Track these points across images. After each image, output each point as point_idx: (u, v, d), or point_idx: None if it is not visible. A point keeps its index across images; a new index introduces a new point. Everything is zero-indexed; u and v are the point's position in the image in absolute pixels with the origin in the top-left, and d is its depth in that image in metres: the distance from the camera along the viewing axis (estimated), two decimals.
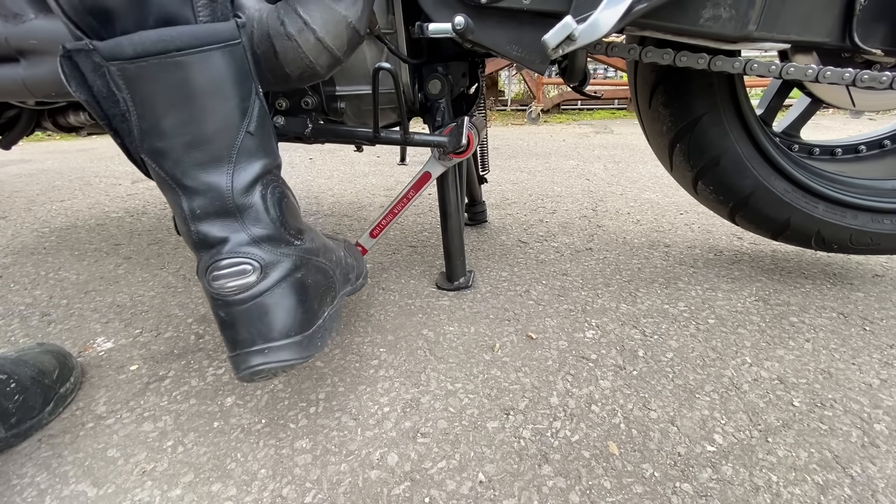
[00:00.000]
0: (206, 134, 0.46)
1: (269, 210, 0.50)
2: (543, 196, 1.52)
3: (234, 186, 0.48)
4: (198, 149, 0.46)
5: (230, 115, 0.47)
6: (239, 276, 0.48)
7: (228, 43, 0.45)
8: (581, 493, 0.47)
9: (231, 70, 0.46)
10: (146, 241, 1.21)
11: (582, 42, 0.59)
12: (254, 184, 0.49)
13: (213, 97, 0.45)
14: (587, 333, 0.73)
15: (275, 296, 0.50)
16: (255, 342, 0.49)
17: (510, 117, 4.27)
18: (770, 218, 0.84)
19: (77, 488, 0.49)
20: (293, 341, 0.50)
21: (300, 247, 0.54)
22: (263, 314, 0.49)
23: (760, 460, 0.50)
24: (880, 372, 0.64)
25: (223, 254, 0.48)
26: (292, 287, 0.51)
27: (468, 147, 0.79)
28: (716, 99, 0.78)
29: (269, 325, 0.49)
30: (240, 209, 0.48)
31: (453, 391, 0.61)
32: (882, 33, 0.68)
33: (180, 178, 0.47)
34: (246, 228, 0.49)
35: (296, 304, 0.51)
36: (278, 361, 0.49)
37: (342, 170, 2.02)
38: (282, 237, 0.52)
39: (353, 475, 0.50)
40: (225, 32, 0.45)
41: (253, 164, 0.49)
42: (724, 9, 0.63)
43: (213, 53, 0.44)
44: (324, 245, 0.61)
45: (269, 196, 0.51)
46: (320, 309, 0.55)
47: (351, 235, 1.17)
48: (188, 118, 0.45)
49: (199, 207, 0.47)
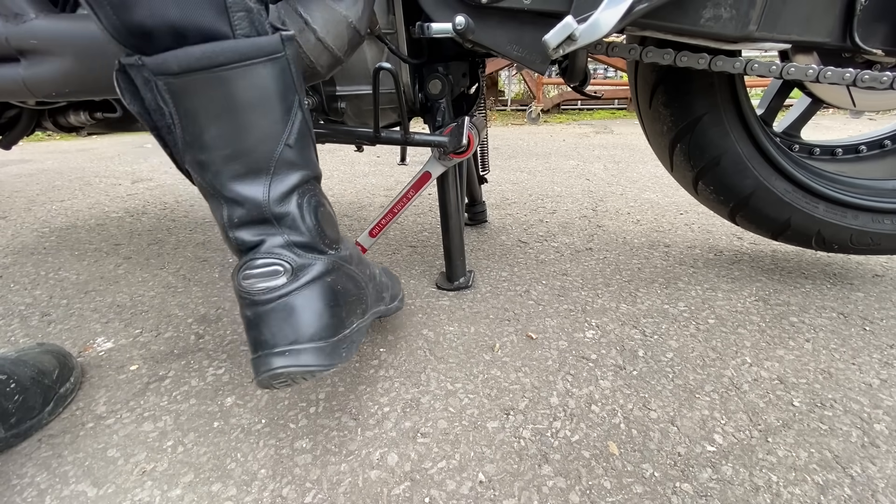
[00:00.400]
0: (245, 146, 0.46)
1: (304, 218, 0.51)
2: (543, 196, 1.52)
3: (270, 197, 0.48)
4: (237, 161, 0.47)
5: (271, 127, 0.47)
6: (269, 277, 0.48)
7: (272, 56, 0.46)
8: (581, 493, 0.47)
9: (273, 83, 0.46)
10: (146, 241, 1.21)
11: (582, 42, 0.59)
12: (290, 193, 0.49)
13: (255, 110, 0.46)
14: (587, 333, 0.73)
15: (302, 297, 0.49)
16: (279, 343, 0.48)
17: (510, 117, 4.27)
18: (770, 218, 0.84)
19: (77, 488, 0.49)
20: (318, 346, 0.49)
21: (334, 255, 0.54)
22: (289, 314, 0.48)
23: (760, 460, 0.50)
24: (880, 372, 0.64)
25: (258, 254, 0.48)
26: (322, 290, 0.51)
27: (468, 147, 0.79)
28: (716, 99, 0.78)
29: (295, 326, 0.48)
30: (277, 217, 0.49)
31: (453, 391, 0.61)
32: (883, 33, 0.68)
33: (220, 189, 0.47)
34: (282, 234, 0.49)
35: (323, 308, 0.50)
36: (300, 366, 0.47)
37: (342, 170, 2.02)
38: (317, 245, 0.52)
39: (353, 475, 0.50)
40: (268, 46, 0.45)
41: (291, 175, 0.49)
42: (725, 9, 0.63)
43: (255, 67, 0.45)
44: (359, 257, 0.61)
45: (306, 205, 0.51)
46: (348, 318, 0.54)
47: (351, 236, 1.17)
48: (229, 131, 0.46)
49: (238, 216, 0.48)
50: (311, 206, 0.52)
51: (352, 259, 0.58)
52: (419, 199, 1.49)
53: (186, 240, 1.21)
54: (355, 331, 0.55)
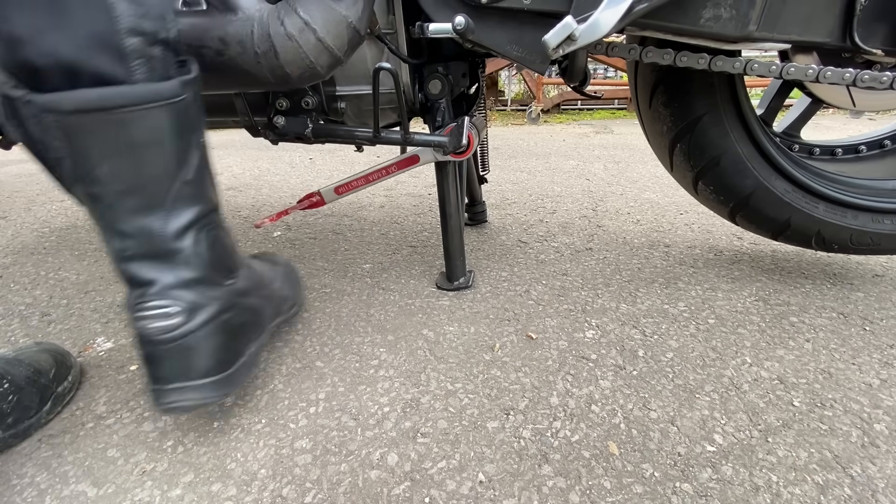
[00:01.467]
0: (140, 183, 0.47)
1: (200, 253, 0.51)
2: (543, 196, 1.52)
3: (166, 231, 0.49)
4: (131, 196, 0.47)
5: (167, 165, 0.48)
6: (163, 318, 0.49)
7: (170, 101, 0.46)
8: (581, 493, 0.47)
9: (171, 124, 0.47)
10: None
11: (582, 42, 0.59)
12: (187, 228, 0.50)
13: (150, 150, 0.47)
14: (587, 333, 0.73)
15: (198, 338, 0.51)
16: (174, 380, 0.50)
17: (510, 117, 4.27)
18: (770, 218, 0.84)
19: (77, 488, 0.49)
20: (212, 381, 0.52)
21: (231, 287, 0.55)
22: (184, 355, 0.51)
23: (760, 460, 0.50)
24: (880, 372, 0.64)
25: (149, 295, 0.49)
26: (217, 329, 0.53)
27: (468, 147, 0.79)
28: (716, 99, 0.78)
29: (189, 365, 0.51)
30: (170, 252, 0.49)
31: (453, 391, 0.61)
32: (882, 33, 0.68)
33: (112, 222, 0.48)
34: (175, 271, 0.50)
35: (219, 346, 0.53)
36: (194, 400, 0.51)
37: (342, 170, 2.02)
38: (212, 279, 0.53)
39: (353, 475, 0.50)
40: (167, 91, 0.46)
41: (188, 210, 0.50)
42: (725, 9, 0.63)
43: (152, 111, 0.45)
44: (258, 281, 0.62)
45: (202, 240, 0.52)
46: (245, 347, 0.57)
47: (351, 235, 1.17)
48: (124, 168, 0.46)
49: (130, 249, 0.48)
50: (208, 240, 0.52)
51: (251, 290, 0.59)
52: (419, 199, 1.49)
53: None
54: (252, 353, 0.58)
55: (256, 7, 0.60)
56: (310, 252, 1.08)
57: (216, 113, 0.84)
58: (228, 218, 1.36)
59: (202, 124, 0.51)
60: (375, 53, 0.78)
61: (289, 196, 1.61)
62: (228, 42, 0.59)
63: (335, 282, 0.93)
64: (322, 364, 0.67)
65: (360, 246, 1.11)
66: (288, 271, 0.76)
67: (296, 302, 0.75)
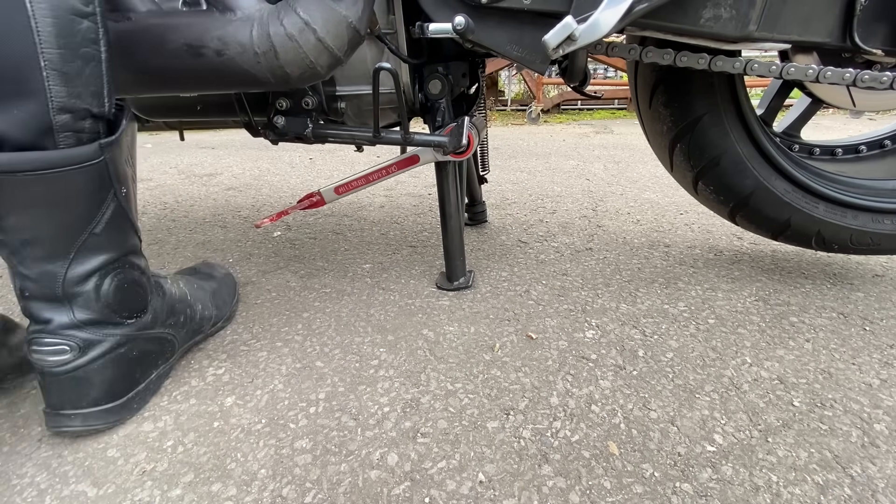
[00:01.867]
0: (45, 236, 0.48)
1: (100, 297, 0.53)
2: (543, 196, 1.52)
3: (66, 277, 0.50)
4: (34, 246, 0.49)
5: (76, 220, 0.50)
6: (55, 354, 0.51)
7: (84, 164, 0.48)
8: (581, 493, 0.47)
9: (83, 184, 0.49)
10: (146, 242, 1.21)
11: (582, 42, 0.59)
12: (90, 275, 0.52)
13: (59, 207, 0.48)
14: (587, 333, 0.73)
15: (89, 371, 0.53)
16: (65, 407, 0.53)
17: (510, 117, 4.27)
18: (770, 218, 0.84)
19: (77, 488, 0.49)
20: (102, 409, 0.54)
21: (133, 324, 0.57)
22: (76, 385, 0.53)
23: (760, 460, 0.50)
24: (880, 372, 0.64)
25: (44, 333, 0.51)
26: (111, 362, 0.54)
27: (468, 147, 0.79)
28: (716, 99, 0.78)
29: (81, 395, 0.53)
30: (68, 297, 0.51)
31: (453, 391, 0.61)
32: (882, 33, 0.68)
33: (15, 265, 0.49)
34: (70, 313, 0.52)
35: (112, 377, 0.55)
36: (84, 426, 0.53)
37: (342, 170, 2.02)
38: (110, 320, 0.54)
39: (353, 475, 0.50)
40: (81, 156, 0.47)
41: (94, 258, 0.52)
42: (725, 9, 0.63)
43: (65, 173, 0.47)
44: (171, 309, 0.63)
45: (106, 284, 0.53)
46: (144, 375, 0.59)
47: (351, 235, 1.17)
48: (29, 223, 0.48)
49: (29, 290, 0.50)
50: (113, 284, 0.54)
51: (158, 321, 0.60)
52: (419, 199, 1.49)
53: (186, 240, 1.21)
54: (153, 379, 0.60)
55: (256, 7, 0.60)
56: (310, 252, 1.08)
57: (216, 113, 0.84)
58: (228, 218, 1.36)
59: (119, 179, 0.53)
60: (375, 53, 0.78)
61: (289, 196, 1.61)
62: (228, 42, 0.59)
63: (335, 282, 0.93)
64: (322, 364, 0.67)
65: (360, 246, 1.11)
66: (221, 286, 0.78)
67: (222, 317, 0.75)
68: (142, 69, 0.61)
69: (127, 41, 0.59)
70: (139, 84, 0.65)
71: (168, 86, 0.65)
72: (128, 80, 0.62)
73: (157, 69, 0.61)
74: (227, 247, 1.14)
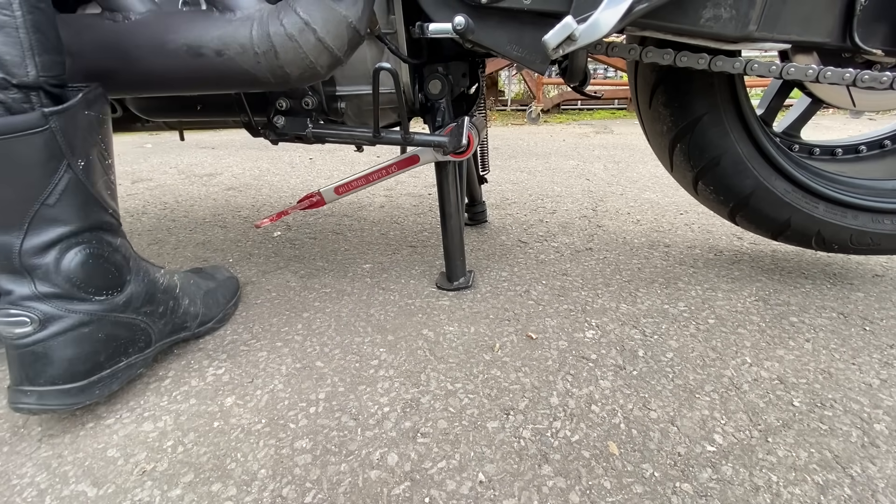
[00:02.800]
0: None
1: (60, 270, 0.53)
2: (543, 196, 1.52)
3: (22, 248, 0.51)
4: None
5: (24, 191, 0.50)
6: (17, 326, 0.52)
7: (28, 132, 0.48)
8: (581, 493, 0.47)
9: (28, 154, 0.49)
10: (146, 241, 1.21)
11: (582, 42, 0.59)
12: (49, 246, 0.52)
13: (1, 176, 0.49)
14: (587, 333, 0.73)
15: (48, 346, 0.53)
16: (23, 383, 0.53)
17: (510, 117, 4.27)
18: (770, 218, 0.84)
19: (77, 488, 0.49)
20: (59, 389, 0.54)
21: (101, 302, 0.57)
22: (35, 360, 0.53)
23: (760, 460, 0.50)
24: (880, 372, 0.64)
25: (5, 304, 0.52)
26: (73, 340, 0.54)
27: (468, 147, 0.79)
28: (716, 99, 0.78)
29: (38, 371, 0.53)
30: (27, 268, 0.52)
31: (453, 391, 0.61)
32: (882, 33, 0.68)
33: None
34: (31, 284, 0.52)
35: (73, 356, 0.55)
36: (39, 405, 0.53)
37: (342, 170, 2.02)
38: (74, 295, 0.54)
39: (353, 475, 0.50)
40: (18, 125, 0.48)
41: (50, 229, 0.52)
42: (725, 9, 0.63)
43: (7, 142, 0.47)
44: (151, 296, 0.63)
45: (68, 258, 0.54)
46: (110, 361, 0.58)
47: (351, 235, 1.17)
48: None
49: None
50: (77, 258, 0.54)
51: (130, 304, 0.60)
52: (419, 199, 1.49)
53: (186, 240, 1.21)
54: (122, 368, 0.59)
55: (256, 7, 0.60)
56: (310, 252, 1.08)
57: (216, 113, 0.84)
58: (228, 218, 1.36)
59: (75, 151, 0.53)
60: (375, 53, 0.78)
61: (289, 196, 1.61)
62: (228, 42, 0.59)
63: (335, 282, 0.93)
64: (322, 364, 0.67)
65: (360, 246, 1.11)
66: (218, 287, 0.77)
67: (212, 318, 0.75)
68: (142, 69, 0.61)
69: (127, 41, 0.59)
70: (139, 84, 0.65)
71: (168, 86, 0.65)
72: (128, 80, 0.62)
73: (157, 69, 0.61)
74: (227, 247, 1.14)
